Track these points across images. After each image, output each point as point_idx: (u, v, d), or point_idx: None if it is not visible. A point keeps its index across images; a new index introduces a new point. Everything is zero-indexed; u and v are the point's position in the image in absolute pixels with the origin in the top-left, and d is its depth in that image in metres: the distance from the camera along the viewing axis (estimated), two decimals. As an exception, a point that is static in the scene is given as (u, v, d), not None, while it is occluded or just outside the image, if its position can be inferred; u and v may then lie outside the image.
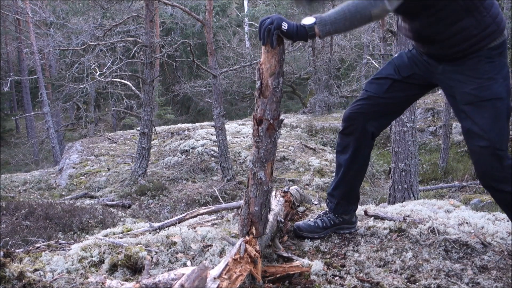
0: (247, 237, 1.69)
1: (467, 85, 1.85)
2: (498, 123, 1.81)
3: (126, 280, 1.72)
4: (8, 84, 18.72)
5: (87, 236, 3.60)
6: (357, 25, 1.71)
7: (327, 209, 2.28)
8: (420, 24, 1.86)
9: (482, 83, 1.81)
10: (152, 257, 1.84)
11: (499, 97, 1.81)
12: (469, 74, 1.85)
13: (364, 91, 2.11)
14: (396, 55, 2.18)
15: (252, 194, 1.75)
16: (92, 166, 10.85)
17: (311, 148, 11.04)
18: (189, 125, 13.18)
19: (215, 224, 2.42)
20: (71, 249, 1.94)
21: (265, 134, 1.70)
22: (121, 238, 2.17)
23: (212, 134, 10.87)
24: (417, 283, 1.78)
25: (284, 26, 1.66)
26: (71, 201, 8.06)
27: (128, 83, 10.56)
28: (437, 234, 2.13)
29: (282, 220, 2.26)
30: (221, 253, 1.89)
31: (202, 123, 13.42)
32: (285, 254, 1.98)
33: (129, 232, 2.32)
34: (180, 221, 2.42)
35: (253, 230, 1.73)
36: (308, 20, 1.68)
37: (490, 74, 1.82)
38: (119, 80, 11.45)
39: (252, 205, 1.73)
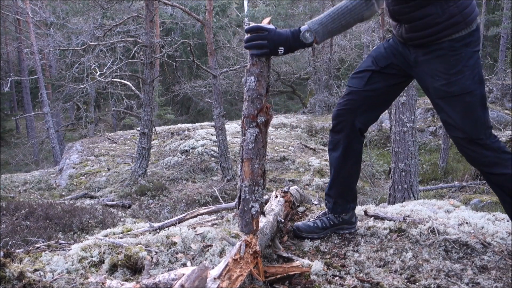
0: (247, 238, 1.69)
1: (436, 81, 1.88)
2: (470, 115, 1.84)
3: (126, 280, 1.72)
4: (8, 84, 18.71)
5: (87, 236, 3.60)
6: (351, 26, 1.83)
7: (327, 210, 2.29)
8: (392, 1, 1.91)
9: (450, 78, 1.84)
10: (152, 257, 1.84)
11: (467, 91, 1.83)
12: (437, 69, 1.87)
13: (347, 87, 2.12)
14: (374, 47, 2.21)
15: None
16: (92, 166, 10.85)
17: (311, 148, 11.05)
18: (189, 125, 13.18)
19: (215, 224, 2.41)
20: (71, 249, 1.94)
21: (243, 128, 1.79)
22: (121, 238, 2.16)
23: (212, 134, 10.87)
24: (417, 283, 1.78)
25: (280, 51, 1.74)
26: (71, 201, 8.06)
27: (128, 83, 10.54)
28: (437, 234, 2.13)
29: (282, 220, 2.26)
30: (221, 253, 1.89)
31: (202, 123, 13.42)
32: (285, 254, 1.99)
33: (129, 232, 2.32)
34: (180, 221, 2.41)
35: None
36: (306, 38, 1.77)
37: (457, 68, 1.82)
38: (119, 80, 11.43)
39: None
